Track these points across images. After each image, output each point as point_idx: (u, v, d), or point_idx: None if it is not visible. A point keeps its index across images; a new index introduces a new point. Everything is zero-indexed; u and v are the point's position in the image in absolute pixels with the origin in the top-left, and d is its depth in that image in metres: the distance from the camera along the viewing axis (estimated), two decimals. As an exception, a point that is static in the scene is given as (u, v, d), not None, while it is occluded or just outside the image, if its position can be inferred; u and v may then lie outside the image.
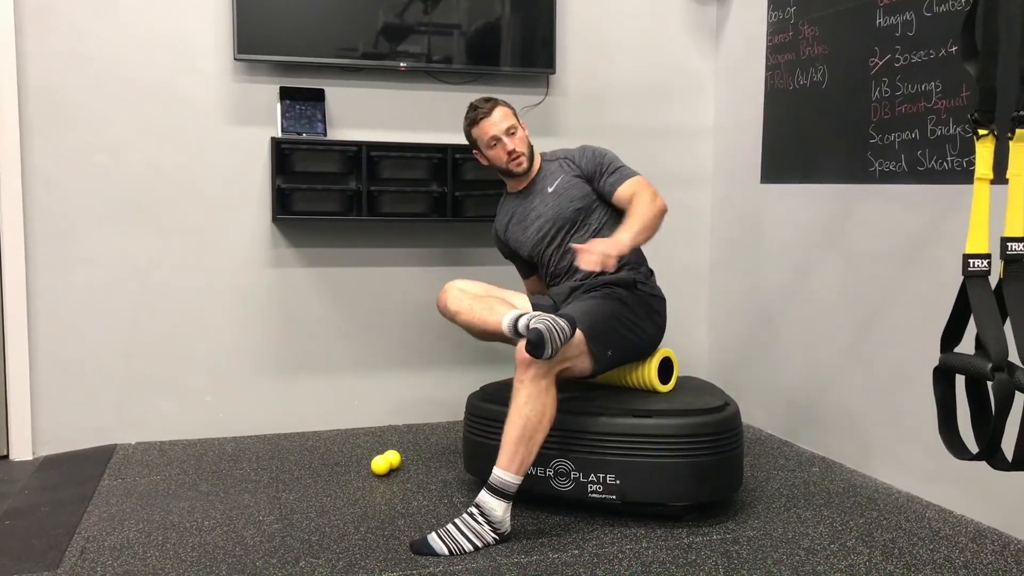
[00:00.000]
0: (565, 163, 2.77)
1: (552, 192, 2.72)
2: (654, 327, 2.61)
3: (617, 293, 2.55)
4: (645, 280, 2.64)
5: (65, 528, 2.37)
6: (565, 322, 2.25)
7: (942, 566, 2.14)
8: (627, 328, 2.51)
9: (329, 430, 3.36)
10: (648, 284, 2.65)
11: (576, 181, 2.72)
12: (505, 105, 2.76)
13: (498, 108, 2.73)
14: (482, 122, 2.72)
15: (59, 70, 3.00)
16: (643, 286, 2.60)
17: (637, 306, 2.56)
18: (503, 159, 2.72)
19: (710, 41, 3.68)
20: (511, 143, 2.70)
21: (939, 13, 2.54)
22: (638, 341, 2.55)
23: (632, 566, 2.14)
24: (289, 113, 3.16)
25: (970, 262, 1.71)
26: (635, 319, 2.54)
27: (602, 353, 2.44)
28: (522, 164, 2.73)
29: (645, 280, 2.64)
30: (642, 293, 2.60)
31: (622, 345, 2.51)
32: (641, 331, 2.55)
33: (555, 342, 2.20)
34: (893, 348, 2.72)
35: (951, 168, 2.49)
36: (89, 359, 3.11)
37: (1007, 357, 1.65)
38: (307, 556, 2.19)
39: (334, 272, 3.35)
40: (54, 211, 3.04)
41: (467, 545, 2.22)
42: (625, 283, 2.57)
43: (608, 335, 2.45)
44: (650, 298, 2.62)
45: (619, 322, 2.49)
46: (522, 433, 2.25)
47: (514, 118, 2.75)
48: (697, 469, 2.38)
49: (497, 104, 2.74)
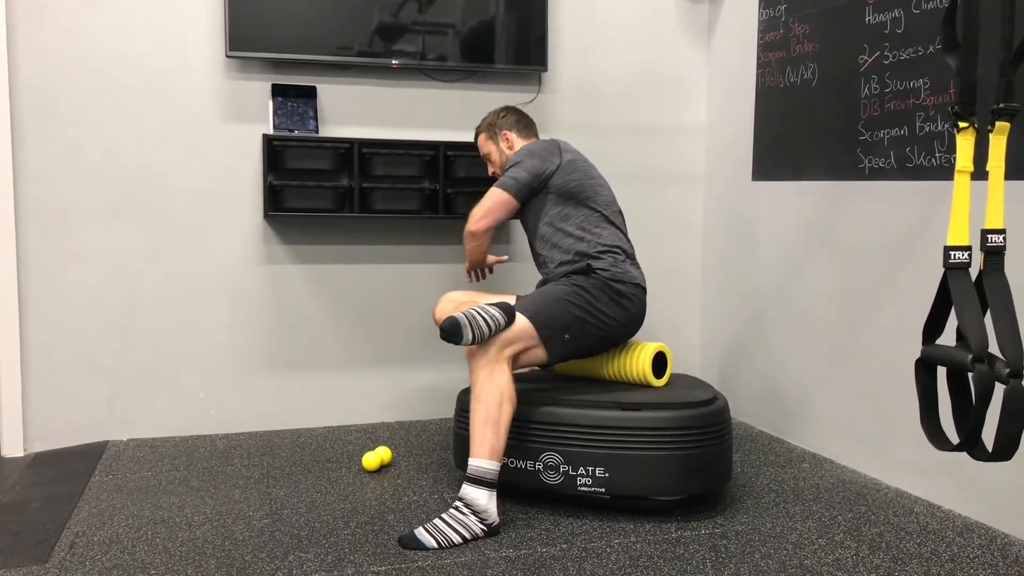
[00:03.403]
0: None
1: None
2: (620, 311, 2.57)
3: (572, 279, 2.58)
4: (609, 267, 2.59)
5: (55, 523, 2.37)
6: (497, 310, 2.37)
7: (929, 560, 2.15)
8: (584, 311, 2.52)
9: (320, 426, 3.37)
10: (611, 269, 2.59)
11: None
12: (482, 132, 2.97)
13: (478, 137, 2.98)
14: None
15: (50, 67, 3.01)
16: (603, 271, 2.58)
17: (596, 289, 2.55)
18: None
19: (702, 39, 3.69)
20: (490, 168, 2.97)
21: (927, 10, 2.55)
22: (600, 324, 2.55)
23: (621, 560, 2.15)
24: (281, 110, 3.16)
25: (951, 254, 1.72)
26: (593, 302, 2.53)
27: (556, 336, 2.48)
28: None
29: (609, 267, 2.59)
30: (602, 277, 2.57)
31: (580, 328, 2.52)
32: (602, 314, 2.54)
33: (478, 329, 2.32)
34: (883, 344, 2.73)
35: (939, 164, 2.50)
36: (81, 356, 3.12)
37: (987, 348, 1.66)
38: (296, 551, 2.20)
39: (326, 269, 3.35)
40: (46, 208, 3.04)
41: (455, 537, 2.23)
42: (580, 269, 2.60)
43: (561, 319, 2.49)
44: (612, 282, 2.57)
45: (572, 304, 2.51)
46: (485, 418, 2.32)
47: (487, 143, 2.94)
48: (686, 462, 2.39)
49: (478, 133, 2.98)
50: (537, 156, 2.68)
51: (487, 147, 2.94)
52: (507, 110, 2.94)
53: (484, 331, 2.33)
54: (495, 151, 2.91)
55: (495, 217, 2.70)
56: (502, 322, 2.37)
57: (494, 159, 2.93)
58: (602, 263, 2.59)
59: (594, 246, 2.61)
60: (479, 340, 2.34)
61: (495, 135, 2.91)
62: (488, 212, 2.69)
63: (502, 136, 2.89)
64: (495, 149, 2.91)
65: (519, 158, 2.71)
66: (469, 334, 2.31)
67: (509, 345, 2.40)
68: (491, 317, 2.35)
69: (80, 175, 3.07)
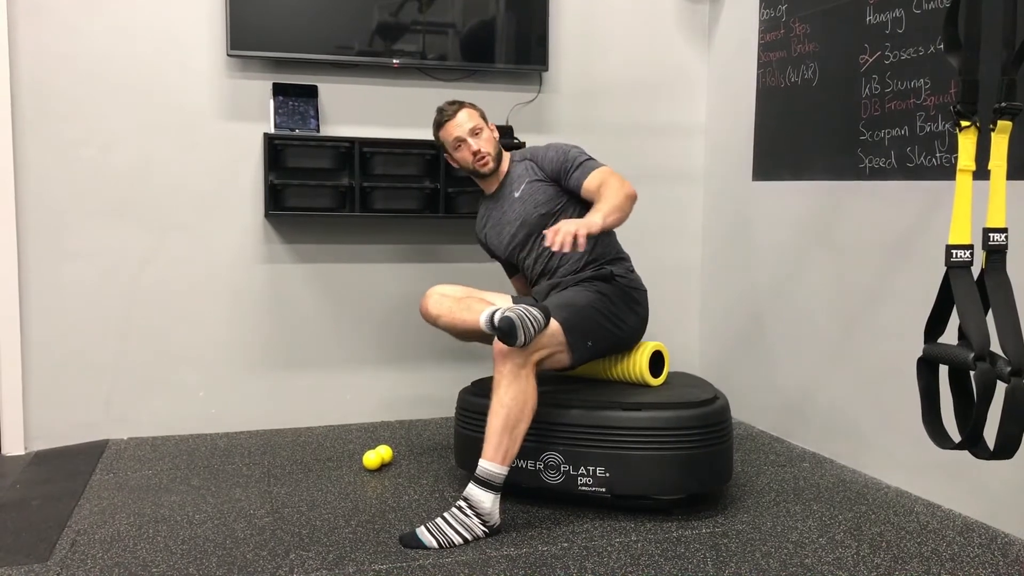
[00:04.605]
0: (530, 166, 2.73)
1: (518, 198, 2.71)
2: (635, 318, 2.61)
3: (596, 285, 2.57)
4: (625, 273, 2.63)
5: (56, 521, 2.37)
6: (539, 311, 2.30)
7: (929, 559, 2.15)
8: (607, 319, 2.52)
9: (321, 426, 3.37)
10: (627, 276, 2.64)
11: (539, 185, 2.69)
12: (472, 107, 2.75)
13: (463, 110, 2.73)
14: (447, 124, 2.72)
15: (51, 66, 3.01)
16: (621, 278, 2.60)
17: (616, 297, 2.57)
18: (469, 160, 2.72)
19: (702, 38, 3.69)
20: (476, 143, 2.70)
21: (928, 10, 2.55)
22: (619, 332, 2.56)
23: (621, 559, 2.15)
24: (282, 109, 3.17)
25: (953, 252, 1.73)
26: (615, 310, 2.54)
27: (580, 343, 2.46)
28: (488, 164, 2.71)
29: (625, 273, 2.63)
30: (621, 284, 2.60)
31: (602, 335, 2.52)
32: (622, 322, 2.56)
33: (528, 330, 2.24)
34: (883, 344, 2.73)
35: (940, 164, 2.50)
36: (82, 354, 3.12)
37: (989, 347, 1.66)
38: (297, 549, 2.20)
39: (326, 268, 3.35)
40: (46, 207, 3.04)
41: (456, 538, 2.23)
42: (603, 276, 2.59)
43: (586, 325, 2.47)
44: (630, 290, 2.62)
45: (598, 312, 2.51)
46: (505, 423, 2.27)
47: (480, 119, 2.74)
48: (687, 461, 2.39)
49: (463, 106, 2.74)
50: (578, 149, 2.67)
51: (480, 122, 2.73)
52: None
53: (531, 333, 2.26)
54: (487, 130, 2.74)
55: None
56: (543, 325, 2.31)
57: (487, 135, 2.74)
58: (619, 269, 2.61)
59: (612, 252, 2.62)
60: (527, 343, 2.26)
61: (486, 119, 2.78)
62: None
63: (490, 125, 2.78)
64: (487, 128, 2.75)
65: (570, 147, 2.66)
66: (522, 336, 2.24)
67: (539, 350, 2.34)
68: (534, 319, 2.27)
69: (81, 173, 3.07)
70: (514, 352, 2.28)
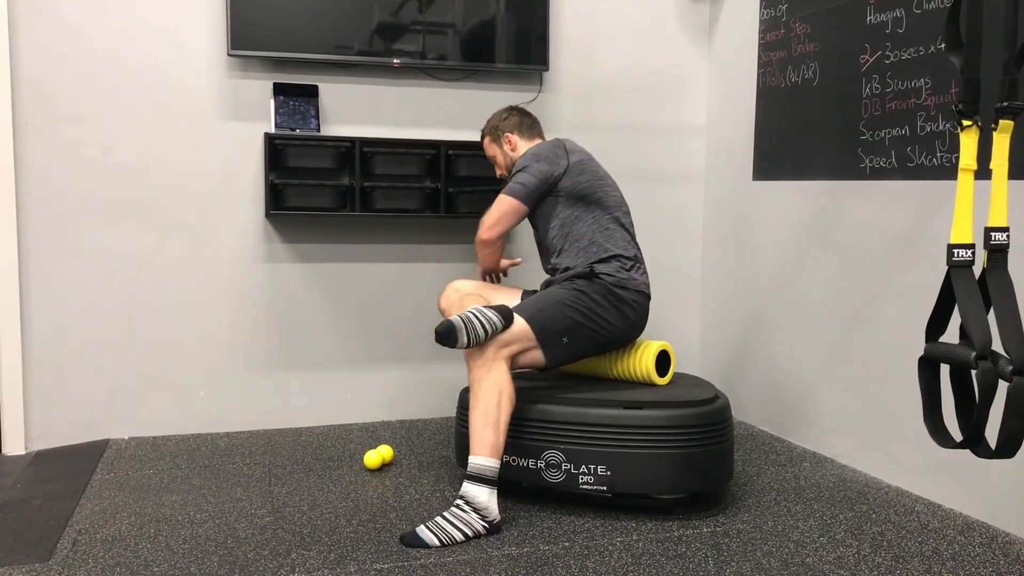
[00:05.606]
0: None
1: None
2: (620, 317, 2.57)
3: (575, 283, 2.58)
4: (614, 272, 2.59)
5: (57, 521, 2.37)
6: (494, 313, 2.37)
7: (930, 558, 2.15)
8: (584, 316, 2.52)
9: (322, 425, 3.37)
10: (615, 275, 2.59)
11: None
12: (488, 135, 2.96)
13: (484, 140, 2.98)
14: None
15: (52, 65, 3.01)
16: (607, 276, 2.58)
17: (598, 295, 2.55)
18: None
19: (703, 38, 3.69)
20: (497, 170, 2.99)
21: (928, 10, 2.55)
22: (600, 330, 2.55)
23: (622, 558, 2.15)
24: (282, 109, 3.17)
25: (954, 252, 1.73)
26: (594, 307, 2.54)
27: (554, 339, 2.49)
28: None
29: (614, 272, 2.59)
30: (605, 283, 2.57)
31: (580, 333, 2.53)
32: (603, 320, 2.55)
33: (474, 331, 2.32)
34: (883, 344, 2.73)
35: (941, 164, 2.50)
36: (82, 354, 3.12)
37: (991, 346, 1.66)
38: (298, 548, 2.20)
39: (327, 268, 3.35)
40: (47, 206, 3.04)
41: (457, 535, 2.23)
42: (583, 274, 2.59)
43: (558, 323, 2.49)
44: (616, 288, 2.57)
45: (571, 309, 2.52)
46: (484, 417, 2.32)
47: (493, 147, 2.94)
48: (688, 461, 2.40)
49: (483, 136, 2.98)
50: (544, 160, 2.67)
51: (492, 150, 2.94)
52: (510, 111, 2.93)
53: (480, 334, 2.33)
54: (499, 154, 2.91)
55: (506, 224, 2.70)
56: (499, 325, 2.37)
57: (500, 162, 2.93)
58: (608, 268, 2.59)
59: (603, 251, 2.61)
60: (474, 343, 2.33)
61: (498, 138, 2.90)
62: (499, 220, 2.69)
63: (505, 139, 2.89)
64: (499, 152, 2.91)
65: (525, 162, 2.70)
66: (464, 337, 2.31)
67: (506, 346, 2.40)
68: (487, 320, 2.35)
69: (81, 173, 3.07)
70: (478, 351, 2.36)
